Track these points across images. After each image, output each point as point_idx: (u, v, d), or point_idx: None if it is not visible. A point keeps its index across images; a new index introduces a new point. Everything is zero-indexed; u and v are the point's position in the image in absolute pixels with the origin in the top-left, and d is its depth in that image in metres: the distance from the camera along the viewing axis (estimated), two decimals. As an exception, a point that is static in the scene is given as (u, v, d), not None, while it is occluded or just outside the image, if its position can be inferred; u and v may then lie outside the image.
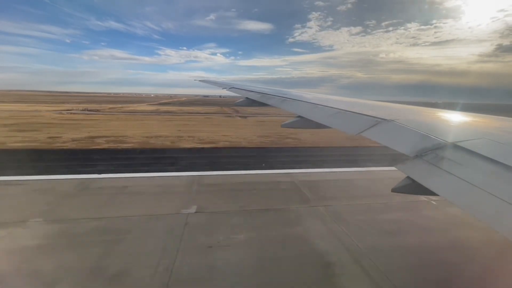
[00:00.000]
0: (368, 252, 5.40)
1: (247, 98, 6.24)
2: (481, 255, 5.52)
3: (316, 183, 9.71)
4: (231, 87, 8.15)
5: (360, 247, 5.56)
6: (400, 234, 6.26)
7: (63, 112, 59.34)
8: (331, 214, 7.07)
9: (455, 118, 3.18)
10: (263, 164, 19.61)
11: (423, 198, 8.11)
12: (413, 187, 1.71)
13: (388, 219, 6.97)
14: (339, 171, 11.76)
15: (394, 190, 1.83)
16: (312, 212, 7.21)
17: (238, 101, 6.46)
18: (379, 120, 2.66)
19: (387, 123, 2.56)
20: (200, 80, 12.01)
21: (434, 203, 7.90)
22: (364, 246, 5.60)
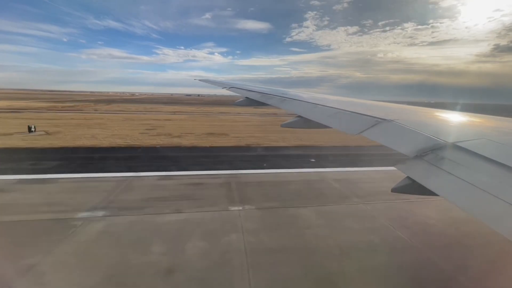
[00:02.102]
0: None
1: (247, 98, 6.23)
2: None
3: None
4: (231, 87, 8.14)
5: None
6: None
7: None
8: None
9: (455, 118, 3.18)
10: None
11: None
12: (413, 187, 1.71)
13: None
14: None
15: (394, 190, 1.82)
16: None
17: (238, 100, 6.45)
18: (379, 120, 2.66)
19: (387, 123, 2.56)
20: (200, 80, 12.00)
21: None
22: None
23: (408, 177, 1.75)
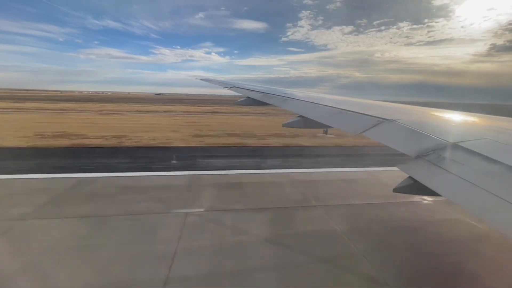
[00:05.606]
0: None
1: (248, 97, 6.25)
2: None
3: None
4: (232, 86, 8.16)
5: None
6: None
7: None
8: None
9: (456, 118, 3.18)
10: None
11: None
12: (414, 187, 1.72)
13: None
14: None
15: (396, 190, 1.83)
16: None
17: (240, 100, 6.48)
18: (381, 120, 2.67)
19: (388, 123, 2.57)
20: (201, 79, 12.06)
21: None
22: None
23: (410, 177, 1.76)
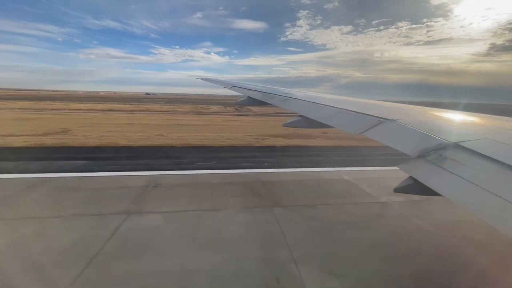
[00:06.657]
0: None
1: (248, 97, 6.25)
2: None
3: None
4: (232, 86, 8.16)
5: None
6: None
7: None
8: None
9: (457, 118, 3.18)
10: None
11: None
12: (415, 187, 1.71)
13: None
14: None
15: (396, 190, 1.83)
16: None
17: (240, 100, 6.48)
18: (382, 119, 2.66)
19: (389, 123, 2.56)
20: (202, 79, 12.07)
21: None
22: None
23: (410, 177, 1.75)
